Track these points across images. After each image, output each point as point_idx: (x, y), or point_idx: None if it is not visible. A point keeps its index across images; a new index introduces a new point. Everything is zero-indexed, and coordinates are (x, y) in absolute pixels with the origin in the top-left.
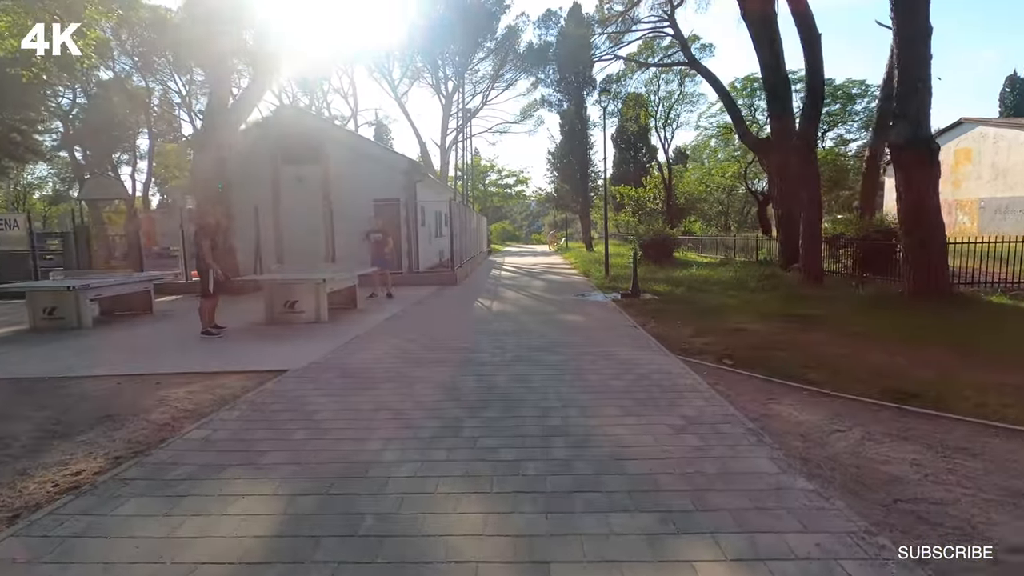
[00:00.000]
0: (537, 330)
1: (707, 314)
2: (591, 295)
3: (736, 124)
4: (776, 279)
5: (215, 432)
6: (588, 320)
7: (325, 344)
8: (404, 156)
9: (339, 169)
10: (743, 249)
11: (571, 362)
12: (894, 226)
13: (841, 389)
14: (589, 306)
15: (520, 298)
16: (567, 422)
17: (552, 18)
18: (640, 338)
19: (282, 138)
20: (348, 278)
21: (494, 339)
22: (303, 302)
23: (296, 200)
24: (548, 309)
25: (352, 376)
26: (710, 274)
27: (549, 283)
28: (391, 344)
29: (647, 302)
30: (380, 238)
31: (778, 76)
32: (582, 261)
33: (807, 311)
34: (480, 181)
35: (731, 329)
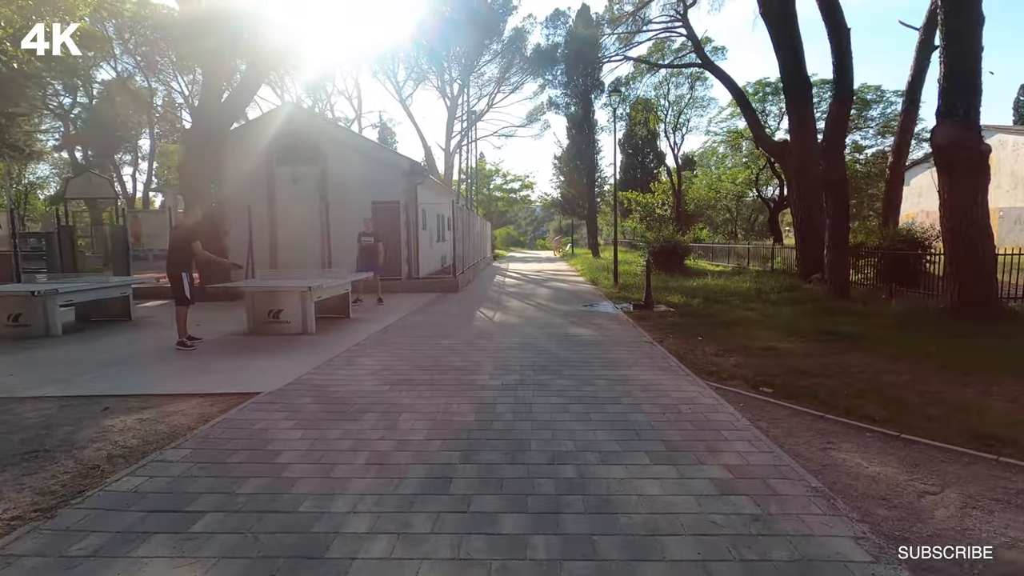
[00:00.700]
0: (543, 346)
1: (730, 330)
2: (600, 305)
3: (752, 127)
4: (797, 290)
5: (149, 481)
6: (599, 334)
7: (307, 360)
8: (405, 157)
9: (337, 170)
10: (757, 257)
11: (583, 387)
12: (921, 235)
13: (912, 430)
14: (599, 318)
15: (525, 308)
16: (584, 473)
17: (560, 18)
18: (659, 357)
19: (278, 137)
20: (339, 285)
21: (495, 356)
22: (288, 311)
23: (292, 202)
24: (555, 321)
25: (331, 402)
26: (726, 284)
27: (555, 291)
28: (381, 361)
29: (662, 315)
30: (371, 242)
31: (798, 76)
32: (589, 268)
33: (841, 328)
34: (485, 185)
35: (760, 348)
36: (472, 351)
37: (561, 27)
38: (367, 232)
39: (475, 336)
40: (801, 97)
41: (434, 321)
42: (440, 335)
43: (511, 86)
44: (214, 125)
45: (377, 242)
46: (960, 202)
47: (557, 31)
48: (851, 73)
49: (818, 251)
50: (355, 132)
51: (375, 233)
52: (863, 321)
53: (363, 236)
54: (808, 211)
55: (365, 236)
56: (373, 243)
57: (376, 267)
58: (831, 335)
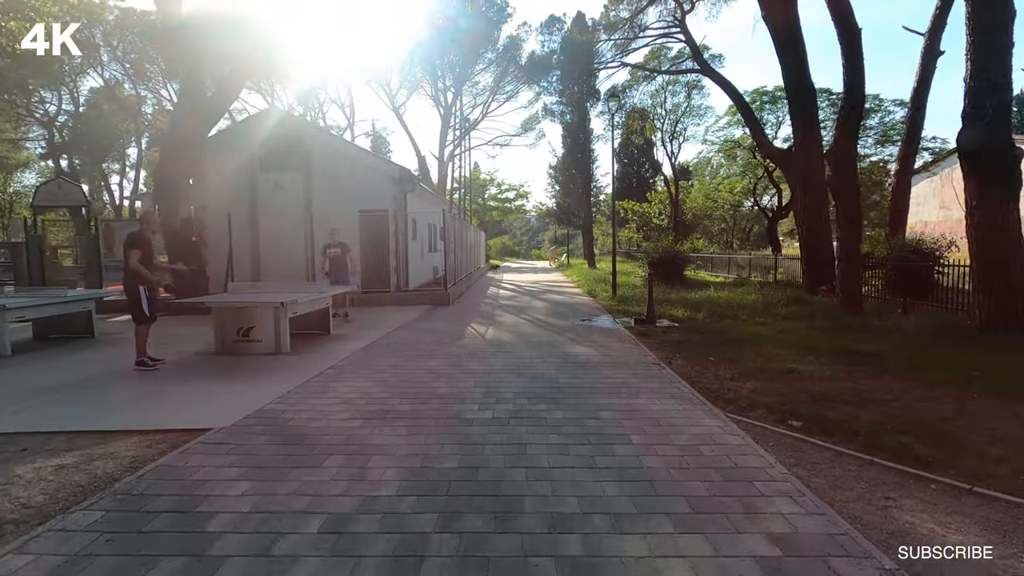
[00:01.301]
0: (539, 369)
1: (742, 348)
2: (599, 320)
3: (754, 134)
4: (806, 304)
5: (34, 563)
6: (600, 354)
7: (276, 386)
8: (394, 163)
9: (323, 176)
10: (758, 268)
11: (586, 421)
12: (931, 245)
13: (982, 480)
14: (599, 334)
15: (519, 323)
16: (593, 548)
17: (556, 24)
18: (669, 382)
19: (261, 142)
20: (319, 299)
21: (486, 382)
22: (260, 329)
23: (275, 210)
24: (552, 338)
25: (291, 442)
26: (730, 296)
27: (551, 304)
28: (357, 388)
29: (666, 331)
30: (337, 253)
31: (802, 82)
32: (586, 279)
33: (862, 347)
34: (479, 195)
35: (779, 371)
36: (460, 375)
37: (556, 33)
38: (332, 243)
39: (465, 356)
40: (805, 103)
41: (421, 338)
42: (426, 355)
43: (506, 95)
44: (193, 128)
45: (345, 252)
46: (988, 211)
47: (552, 37)
48: (863, 76)
49: (824, 262)
50: (342, 138)
51: (342, 243)
52: (884, 338)
53: (329, 248)
54: (813, 221)
55: (331, 247)
56: (340, 254)
57: (344, 279)
58: (853, 354)
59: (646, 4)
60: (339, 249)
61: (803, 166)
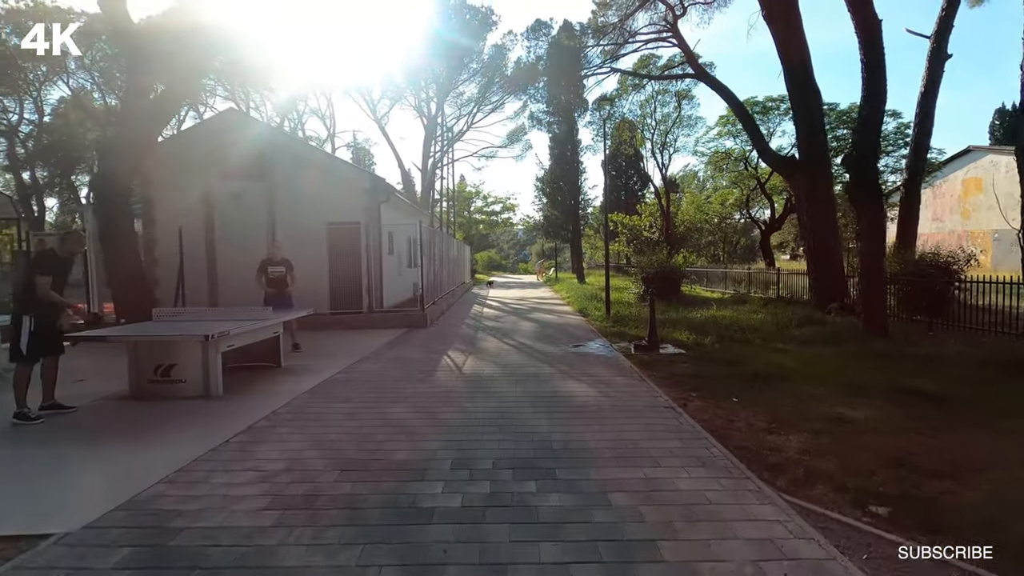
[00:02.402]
0: (526, 419)
1: (769, 384)
2: (594, 345)
3: (755, 141)
4: (820, 324)
5: None
6: (600, 394)
7: (178, 451)
8: (366, 171)
9: (288, 186)
10: (757, 284)
11: (594, 513)
12: (947, 259)
13: None
14: (596, 366)
15: (503, 350)
16: None
17: (542, 29)
18: (691, 437)
19: (218, 148)
20: (267, 327)
21: (459, 442)
22: (183, 367)
23: (234, 224)
24: (541, 371)
25: (157, 565)
26: (735, 316)
27: (540, 325)
28: (287, 453)
29: (672, 359)
30: (282, 274)
31: (805, 83)
32: (576, 296)
33: (915, 383)
34: (465, 208)
35: (825, 418)
36: (427, 429)
37: (543, 39)
38: (274, 260)
39: (435, 400)
40: (810, 108)
41: (387, 372)
42: (389, 397)
43: (491, 105)
44: (138, 132)
45: (289, 272)
46: None
47: (539, 43)
48: (883, 72)
49: (833, 277)
50: (309, 143)
51: (286, 259)
52: (934, 370)
53: (271, 267)
54: (821, 234)
55: (274, 267)
56: (284, 274)
57: (289, 302)
58: (908, 393)
59: (636, 8)
60: (283, 268)
61: (808, 175)
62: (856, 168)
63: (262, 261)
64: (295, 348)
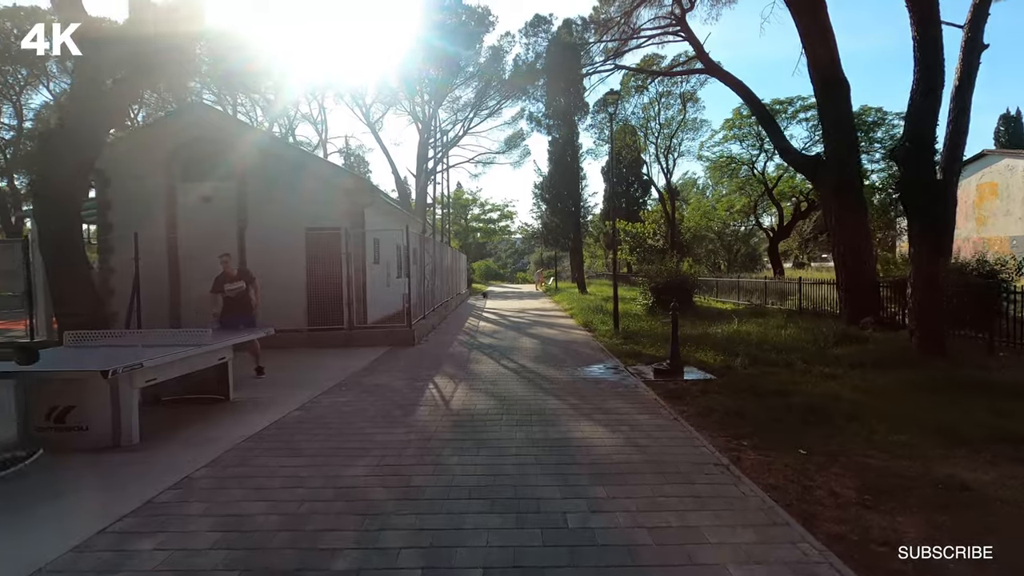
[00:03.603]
0: (530, 486)
1: (833, 426)
2: (606, 368)
3: (775, 138)
4: (860, 342)
5: None
6: (626, 443)
7: (37, 543)
8: (349, 172)
9: (261, 187)
10: (773, 294)
11: None
12: (994, 267)
13: None
14: (613, 397)
15: (500, 376)
16: None
17: (542, 25)
18: (766, 523)
19: (182, 145)
20: (207, 354)
21: (433, 533)
22: (85, 410)
23: (200, 230)
24: (547, 406)
25: None
26: (762, 331)
27: (542, 343)
28: (178, 557)
29: (703, 389)
30: (241, 289)
31: (832, 74)
32: (579, 308)
33: (1016, 423)
34: (462, 215)
35: (937, 484)
36: (389, 508)
37: (542, 36)
38: (230, 275)
39: (410, 455)
40: (837, 100)
41: (355, 411)
42: (350, 450)
43: (488, 110)
44: (87, 125)
45: (249, 287)
46: None
47: (538, 40)
48: (940, 48)
49: (865, 288)
50: (284, 140)
51: (245, 270)
52: None
53: (227, 285)
54: (852, 239)
55: (231, 283)
56: (243, 289)
57: (250, 321)
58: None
59: (640, 1)
60: (242, 283)
61: (837, 172)
62: (910, 162)
63: (216, 278)
64: (258, 373)
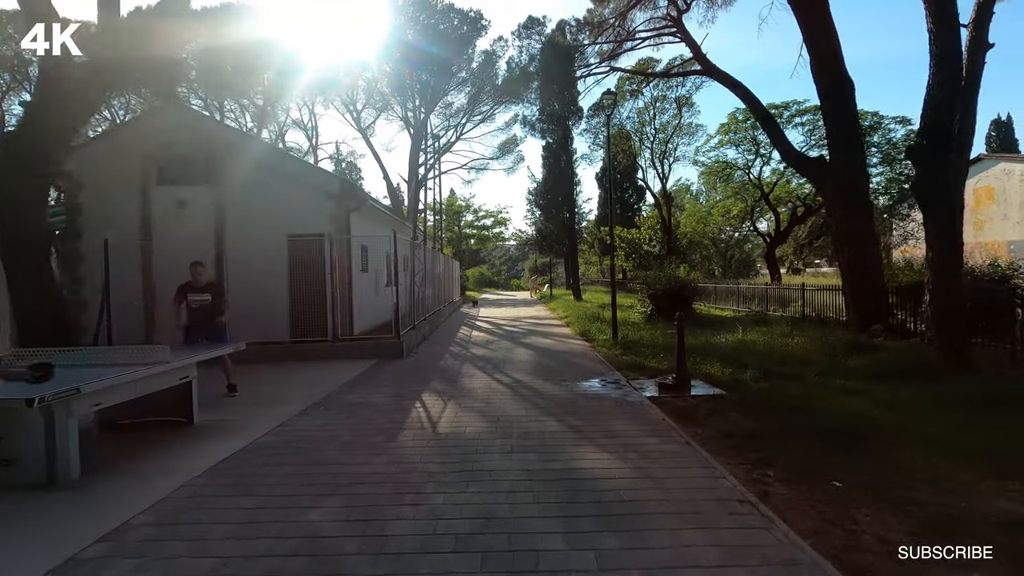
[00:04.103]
0: (528, 531)
1: (870, 451)
2: (606, 382)
3: (776, 140)
4: (872, 351)
5: None
6: (636, 474)
7: None
8: (334, 175)
9: (240, 192)
10: (774, 300)
11: None
12: (1006, 271)
13: None
14: (618, 416)
15: (493, 393)
16: None
17: (535, 26)
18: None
19: (157, 148)
20: (164, 373)
21: None
22: (13, 441)
23: (176, 237)
24: (544, 428)
25: None
26: (767, 341)
27: (538, 354)
28: None
29: (716, 407)
30: (207, 301)
31: (835, 72)
32: (575, 315)
33: None
34: (455, 222)
35: (1001, 524)
36: (360, 567)
37: (536, 37)
38: (197, 285)
39: (388, 491)
40: (839, 100)
41: (333, 433)
42: (321, 486)
43: (481, 115)
44: (51, 129)
45: (219, 300)
46: None
47: (532, 42)
48: (957, 36)
49: (873, 295)
50: (264, 140)
51: (213, 282)
52: None
53: (192, 294)
54: (859, 244)
55: (197, 294)
56: (210, 301)
57: (219, 335)
58: None
59: (635, 3)
60: (208, 295)
61: (842, 173)
62: (927, 160)
63: (179, 287)
64: (230, 391)
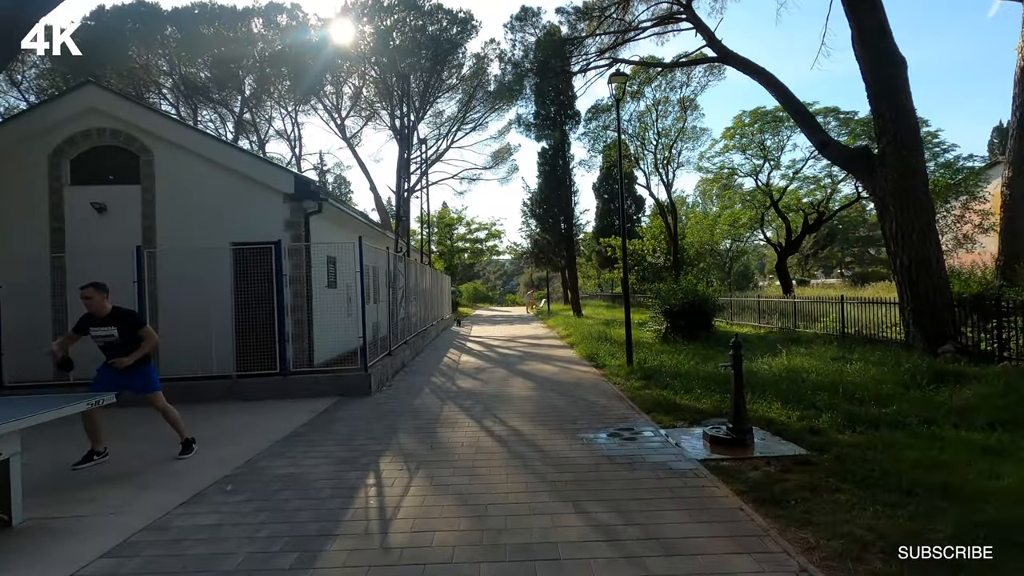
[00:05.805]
0: None
1: None
2: (633, 433)
3: (811, 132)
4: (961, 381)
5: None
6: None
7: None
8: (288, 170)
9: (174, 191)
10: (802, 315)
11: None
12: None
13: None
14: (667, 507)
15: (480, 456)
16: None
17: (530, 18)
18: None
19: (72, 139)
20: None
21: None
22: None
23: (96, 246)
24: (557, 531)
25: None
26: (819, 367)
27: (540, 387)
28: None
29: (808, 479)
30: (113, 337)
31: (883, 49)
32: (578, 335)
33: None
34: (447, 235)
35: None
36: None
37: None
38: (97, 318)
39: None
40: (888, 81)
41: (215, 554)
42: None
43: (473, 123)
44: None
45: (134, 329)
46: None
47: (526, 35)
48: None
49: (940, 309)
50: (202, 131)
51: (125, 310)
52: None
53: (95, 328)
54: (919, 246)
55: (99, 328)
56: (115, 338)
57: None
58: None
59: None
60: (112, 329)
61: (898, 164)
62: None
63: (80, 320)
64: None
